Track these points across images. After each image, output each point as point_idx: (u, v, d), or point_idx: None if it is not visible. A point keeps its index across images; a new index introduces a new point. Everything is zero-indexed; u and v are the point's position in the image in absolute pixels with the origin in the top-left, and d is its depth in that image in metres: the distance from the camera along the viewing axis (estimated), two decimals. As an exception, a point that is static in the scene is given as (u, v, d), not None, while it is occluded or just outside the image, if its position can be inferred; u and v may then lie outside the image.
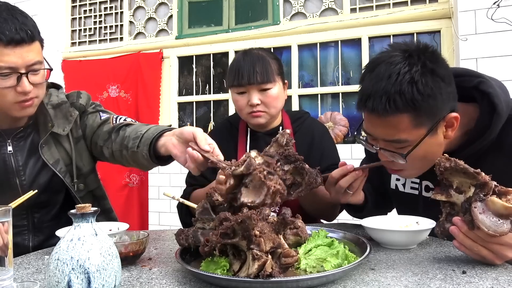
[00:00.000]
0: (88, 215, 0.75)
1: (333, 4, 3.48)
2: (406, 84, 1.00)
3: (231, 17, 3.78)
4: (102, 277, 0.72)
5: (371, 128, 1.10)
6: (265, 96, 1.48)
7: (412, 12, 3.19)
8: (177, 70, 3.96)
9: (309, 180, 1.11)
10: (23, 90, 1.18)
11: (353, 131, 3.37)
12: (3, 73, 1.15)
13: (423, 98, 1.00)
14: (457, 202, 0.96)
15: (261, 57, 1.50)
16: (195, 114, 3.94)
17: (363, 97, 1.05)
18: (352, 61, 3.45)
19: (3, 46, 1.13)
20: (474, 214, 0.88)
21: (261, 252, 0.79)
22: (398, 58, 1.04)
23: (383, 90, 1.01)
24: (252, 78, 1.46)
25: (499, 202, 0.87)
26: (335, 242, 0.97)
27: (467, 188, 0.94)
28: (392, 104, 1.00)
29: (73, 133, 1.42)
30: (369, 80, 1.05)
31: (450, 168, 0.94)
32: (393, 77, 1.01)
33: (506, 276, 0.86)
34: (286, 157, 1.11)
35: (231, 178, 0.96)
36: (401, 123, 1.03)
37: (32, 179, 1.35)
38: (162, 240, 1.30)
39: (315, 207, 1.49)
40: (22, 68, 1.17)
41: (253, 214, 0.80)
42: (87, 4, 4.30)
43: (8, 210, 0.88)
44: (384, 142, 1.09)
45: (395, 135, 1.05)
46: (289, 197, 1.12)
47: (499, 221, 0.87)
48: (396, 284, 0.83)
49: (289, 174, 1.12)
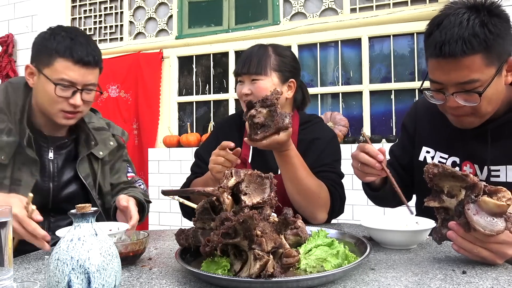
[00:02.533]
0: (88, 215, 0.75)
1: (333, 4, 3.48)
2: (478, 26, 1.10)
3: (231, 17, 3.78)
4: (102, 277, 0.72)
5: (443, 75, 1.15)
6: (254, 86, 1.50)
7: (412, 12, 3.19)
8: (177, 70, 3.96)
9: (277, 120, 1.20)
10: (74, 103, 1.37)
11: (353, 131, 3.38)
12: (64, 85, 1.34)
13: (494, 37, 1.10)
14: (451, 206, 0.97)
15: (262, 50, 1.53)
16: (195, 114, 3.94)
17: (438, 45, 1.13)
18: (352, 61, 3.45)
19: (72, 63, 1.34)
20: (468, 216, 0.89)
21: (262, 252, 0.79)
22: (463, 9, 1.14)
23: (457, 34, 1.10)
24: (244, 68, 1.51)
25: (491, 201, 0.87)
26: (335, 242, 0.97)
27: (458, 191, 0.95)
28: (468, 45, 1.09)
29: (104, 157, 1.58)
30: (439, 31, 1.14)
31: (439, 174, 0.96)
32: (464, 23, 1.11)
33: (506, 276, 0.86)
34: (263, 101, 1.21)
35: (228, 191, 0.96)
36: (475, 63, 1.11)
37: (63, 186, 1.49)
38: (162, 240, 1.30)
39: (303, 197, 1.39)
40: (79, 85, 1.36)
41: (255, 214, 0.80)
42: (87, 4, 4.30)
43: (8, 210, 0.88)
44: (456, 86, 1.15)
45: (469, 75, 1.12)
46: (256, 137, 1.22)
47: (493, 220, 0.87)
48: (396, 284, 0.83)
49: (262, 115, 1.21)
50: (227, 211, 0.92)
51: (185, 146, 3.67)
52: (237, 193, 0.96)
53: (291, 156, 1.33)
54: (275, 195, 0.95)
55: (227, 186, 0.95)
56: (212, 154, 1.36)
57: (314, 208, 1.42)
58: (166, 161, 3.70)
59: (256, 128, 1.24)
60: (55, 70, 1.33)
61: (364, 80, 3.36)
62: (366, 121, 3.34)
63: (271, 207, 0.95)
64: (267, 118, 1.22)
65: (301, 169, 1.35)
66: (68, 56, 1.33)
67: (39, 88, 1.37)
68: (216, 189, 0.96)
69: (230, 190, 0.96)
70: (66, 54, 1.33)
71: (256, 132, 1.24)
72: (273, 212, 0.97)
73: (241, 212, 0.87)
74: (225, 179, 0.96)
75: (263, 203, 0.93)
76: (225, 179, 0.96)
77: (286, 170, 1.36)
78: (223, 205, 0.95)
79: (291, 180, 1.37)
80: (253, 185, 0.95)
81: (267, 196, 0.94)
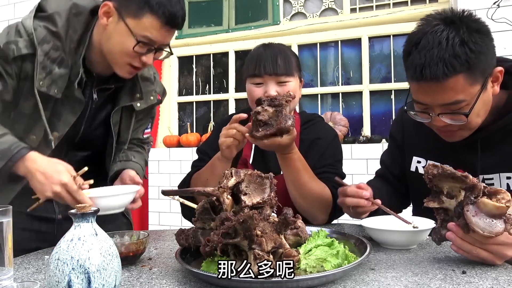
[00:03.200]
0: (88, 215, 0.75)
1: (333, 4, 3.48)
2: (458, 46, 1.05)
3: (231, 17, 3.78)
4: (102, 277, 0.72)
5: (426, 97, 1.13)
6: (283, 89, 1.44)
7: (412, 12, 3.19)
8: (177, 70, 3.96)
9: (279, 121, 1.18)
10: (146, 61, 1.27)
11: (353, 131, 3.38)
12: (145, 42, 1.22)
13: (476, 55, 1.05)
14: (450, 207, 0.97)
15: (282, 50, 1.49)
16: (195, 114, 3.94)
17: (418, 68, 1.08)
18: (352, 61, 3.45)
19: (161, 23, 1.21)
20: (467, 218, 0.89)
21: (262, 252, 0.79)
22: (441, 26, 1.08)
23: (437, 56, 1.06)
24: (274, 69, 1.43)
25: (490, 202, 0.87)
26: (335, 242, 0.97)
27: (458, 192, 0.95)
28: (450, 67, 1.05)
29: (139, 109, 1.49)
30: (418, 52, 1.09)
31: (438, 175, 0.96)
32: (443, 42, 1.06)
33: (506, 276, 0.86)
34: (272, 100, 1.20)
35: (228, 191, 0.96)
36: (458, 84, 1.07)
37: (93, 128, 1.41)
38: (162, 240, 1.30)
39: (305, 201, 1.40)
40: (157, 44, 1.26)
41: (255, 214, 0.80)
42: (87, 4, 4.30)
43: (8, 210, 0.88)
44: (441, 107, 1.12)
45: (453, 97, 1.09)
46: (256, 134, 1.21)
47: (492, 221, 0.87)
48: (396, 284, 0.83)
49: (267, 114, 1.20)
50: (227, 211, 0.92)
51: (185, 146, 3.67)
52: (237, 193, 0.96)
53: (294, 159, 1.32)
54: (275, 195, 0.95)
55: (227, 186, 0.95)
56: (223, 129, 1.35)
57: (316, 210, 1.42)
58: (166, 161, 3.70)
59: (258, 126, 1.23)
60: (141, 25, 1.20)
61: (364, 80, 3.36)
62: (366, 121, 3.34)
63: (271, 207, 0.95)
64: (271, 118, 1.22)
65: (304, 172, 1.35)
66: (160, 15, 1.19)
67: (114, 34, 1.23)
68: (216, 189, 0.96)
69: (230, 190, 0.96)
70: (158, 12, 1.19)
71: (258, 129, 1.23)
72: (274, 212, 0.97)
73: (241, 212, 0.87)
74: (225, 179, 0.96)
75: (263, 203, 0.93)
76: (225, 179, 0.96)
77: (289, 173, 1.36)
78: (223, 205, 0.95)
79: (293, 183, 1.37)
80: (253, 185, 0.95)
81: (267, 196, 0.94)
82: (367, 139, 3.16)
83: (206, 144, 1.67)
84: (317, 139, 1.53)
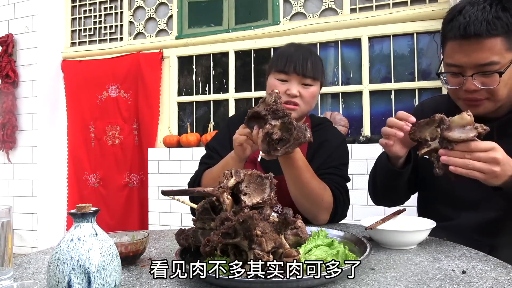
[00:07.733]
0: (88, 215, 0.75)
1: (333, 4, 3.48)
2: (500, 11, 1.16)
3: (231, 17, 3.78)
4: (102, 277, 0.72)
5: (463, 57, 1.20)
6: (306, 90, 1.47)
7: (412, 12, 3.19)
8: (177, 70, 3.96)
9: (298, 135, 1.14)
10: None
11: (353, 131, 3.38)
12: None
13: None
14: (437, 146, 1.11)
15: (313, 53, 1.52)
16: (195, 114, 3.94)
17: (462, 26, 1.17)
18: (352, 61, 3.45)
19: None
20: (447, 136, 1.06)
21: (262, 252, 0.79)
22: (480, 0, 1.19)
23: (482, 16, 1.16)
24: (303, 70, 1.46)
25: (456, 117, 1.05)
26: (335, 242, 0.97)
27: (436, 132, 1.10)
28: (493, 25, 1.15)
29: None
30: (462, 15, 1.19)
31: (417, 125, 1.13)
32: (487, 7, 1.17)
33: (506, 276, 0.86)
34: (274, 112, 1.14)
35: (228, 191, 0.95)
36: (496, 46, 1.16)
37: None
38: (162, 240, 1.30)
39: (306, 200, 1.40)
40: None
41: (255, 214, 0.80)
42: (87, 4, 4.30)
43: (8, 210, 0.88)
44: (475, 68, 1.19)
45: (490, 57, 1.17)
46: (276, 154, 1.16)
47: (464, 129, 1.05)
48: (396, 284, 0.83)
49: (277, 129, 1.14)
50: (227, 211, 0.92)
51: (185, 146, 3.67)
52: (237, 193, 0.96)
53: (295, 159, 1.32)
54: (275, 195, 0.95)
55: (227, 186, 0.95)
56: (241, 127, 1.32)
57: (317, 210, 1.41)
58: (166, 161, 3.70)
59: (274, 144, 1.17)
60: None
61: (364, 80, 3.36)
62: (366, 121, 3.34)
63: (271, 207, 0.95)
64: (282, 130, 1.15)
65: (305, 172, 1.35)
66: None
67: None
68: (216, 189, 0.96)
69: (230, 190, 0.96)
70: None
71: (276, 148, 1.16)
72: (279, 212, 0.97)
73: (241, 212, 0.87)
74: (225, 179, 0.96)
75: (263, 203, 0.93)
76: (225, 179, 0.96)
77: (290, 173, 1.35)
78: (223, 205, 0.95)
79: (294, 183, 1.37)
80: (253, 185, 0.95)
81: (267, 196, 0.94)
82: (367, 139, 3.17)
83: (215, 140, 1.67)
84: (324, 141, 1.54)
